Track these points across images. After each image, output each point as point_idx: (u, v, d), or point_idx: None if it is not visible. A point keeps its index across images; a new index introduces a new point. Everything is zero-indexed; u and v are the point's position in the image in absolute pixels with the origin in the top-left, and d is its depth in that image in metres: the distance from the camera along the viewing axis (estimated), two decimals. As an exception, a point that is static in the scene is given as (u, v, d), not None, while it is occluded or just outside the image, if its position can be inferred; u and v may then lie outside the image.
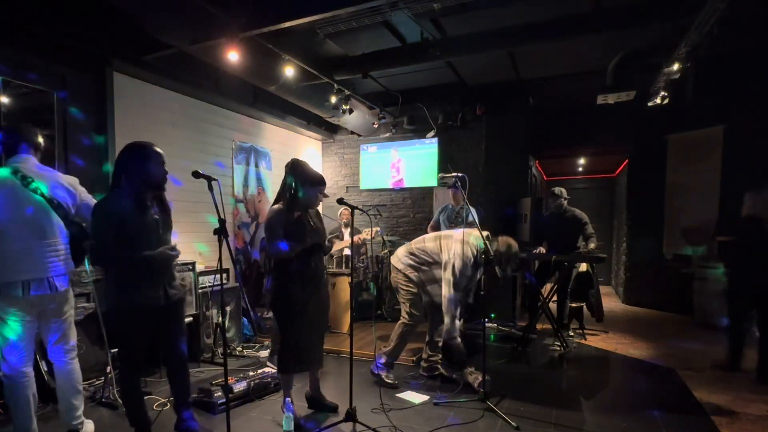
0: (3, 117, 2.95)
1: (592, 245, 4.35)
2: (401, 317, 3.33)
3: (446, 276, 3.06)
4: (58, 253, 2.27)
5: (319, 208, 2.87)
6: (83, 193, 2.42)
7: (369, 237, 4.75)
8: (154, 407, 2.83)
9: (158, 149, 2.23)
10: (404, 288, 3.29)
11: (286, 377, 2.69)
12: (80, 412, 2.42)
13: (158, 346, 2.39)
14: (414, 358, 3.78)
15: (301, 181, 2.59)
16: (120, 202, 2.12)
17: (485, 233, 3.01)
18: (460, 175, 3.18)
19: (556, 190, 4.69)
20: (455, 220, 4.61)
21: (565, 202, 4.67)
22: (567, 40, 3.96)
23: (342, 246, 4.99)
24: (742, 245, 3.64)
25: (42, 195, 2.18)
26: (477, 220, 3.21)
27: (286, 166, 2.67)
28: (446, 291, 3.04)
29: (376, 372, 3.31)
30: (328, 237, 2.85)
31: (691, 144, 5.65)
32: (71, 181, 2.39)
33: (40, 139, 2.38)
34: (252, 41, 3.56)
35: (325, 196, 2.76)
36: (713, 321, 4.95)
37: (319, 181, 2.65)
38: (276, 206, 2.61)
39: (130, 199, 2.13)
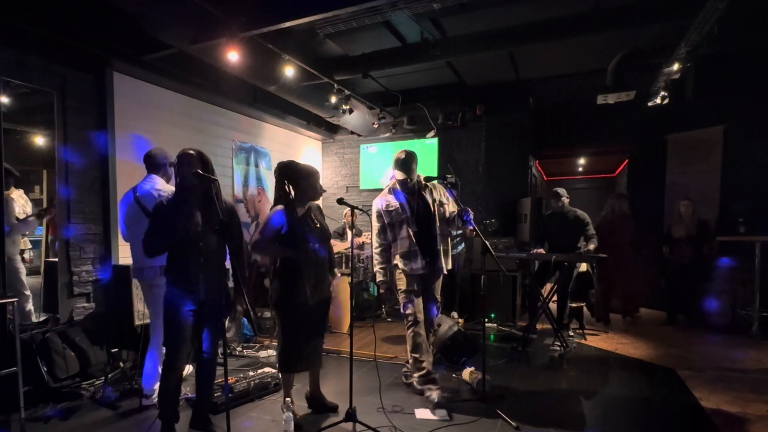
0: (3, 117, 2.95)
1: (591, 246, 4.35)
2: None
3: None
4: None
5: (320, 202, 2.90)
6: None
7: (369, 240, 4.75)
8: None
9: (188, 151, 2.32)
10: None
11: (286, 377, 2.70)
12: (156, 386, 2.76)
13: (196, 342, 2.46)
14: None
15: (297, 177, 2.64)
16: (172, 203, 2.33)
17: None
18: (451, 177, 3.16)
19: (559, 190, 4.69)
20: None
21: (567, 201, 4.67)
22: (567, 40, 3.96)
23: (342, 247, 4.99)
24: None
25: (142, 206, 2.73)
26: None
27: (275, 171, 2.72)
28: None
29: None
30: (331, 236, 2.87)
31: (691, 144, 5.64)
32: (161, 187, 2.78)
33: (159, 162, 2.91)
34: (252, 41, 3.56)
35: (324, 190, 2.79)
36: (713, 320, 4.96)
37: (312, 172, 2.72)
38: (279, 206, 2.62)
39: (176, 200, 2.34)
